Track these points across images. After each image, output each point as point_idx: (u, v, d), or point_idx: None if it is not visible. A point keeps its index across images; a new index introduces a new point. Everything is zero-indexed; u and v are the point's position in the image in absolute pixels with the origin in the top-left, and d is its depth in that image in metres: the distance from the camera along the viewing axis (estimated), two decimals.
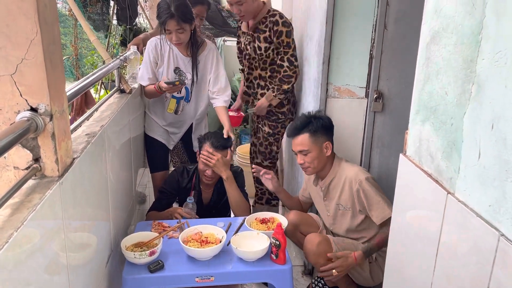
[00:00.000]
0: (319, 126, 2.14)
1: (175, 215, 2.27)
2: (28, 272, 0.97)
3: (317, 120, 2.16)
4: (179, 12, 2.32)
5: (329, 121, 2.22)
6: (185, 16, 2.35)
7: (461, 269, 0.96)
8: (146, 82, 2.54)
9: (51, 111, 1.12)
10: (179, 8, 2.32)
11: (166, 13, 2.31)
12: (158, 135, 2.74)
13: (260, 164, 3.01)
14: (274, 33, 2.68)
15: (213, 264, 1.82)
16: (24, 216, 0.96)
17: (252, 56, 2.84)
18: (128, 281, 1.74)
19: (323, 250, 2.09)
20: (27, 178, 1.09)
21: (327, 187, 2.20)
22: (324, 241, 2.12)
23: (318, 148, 2.14)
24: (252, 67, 2.88)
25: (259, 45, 2.74)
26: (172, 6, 2.31)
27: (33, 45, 1.06)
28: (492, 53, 0.85)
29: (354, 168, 2.13)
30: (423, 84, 1.15)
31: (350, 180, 2.10)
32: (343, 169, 2.16)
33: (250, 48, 2.82)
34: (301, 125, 2.16)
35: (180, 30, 2.38)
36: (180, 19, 2.33)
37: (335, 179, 2.18)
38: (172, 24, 2.34)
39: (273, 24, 2.67)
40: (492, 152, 0.85)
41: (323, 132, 2.15)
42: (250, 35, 2.79)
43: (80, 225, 1.38)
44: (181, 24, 2.35)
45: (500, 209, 0.83)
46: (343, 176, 2.14)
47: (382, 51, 2.30)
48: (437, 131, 1.07)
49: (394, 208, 1.34)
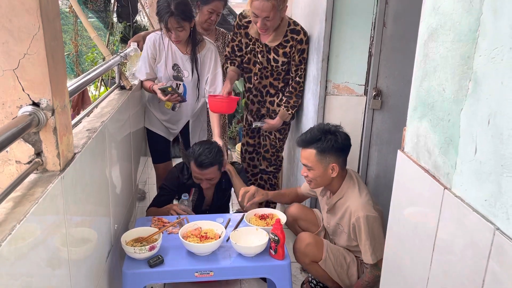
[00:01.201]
0: (328, 147, 1.98)
1: (171, 212, 2.29)
2: (30, 265, 0.98)
3: (328, 139, 1.99)
4: (179, 11, 2.32)
5: (344, 140, 2.03)
6: (185, 15, 2.35)
7: (457, 263, 0.98)
8: (144, 76, 2.59)
9: (53, 106, 1.13)
10: (179, 7, 2.32)
11: (166, 11, 2.32)
12: (158, 128, 2.77)
13: (264, 170, 3.00)
14: (298, 51, 2.61)
15: (212, 259, 1.84)
16: (26, 209, 0.97)
17: (264, 66, 2.73)
18: (128, 275, 1.76)
19: (311, 252, 2.10)
20: (29, 172, 1.10)
21: (332, 204, 2.12)
22: (315, 243, 2.11)
23: (323, 167, 2.01)
24: (263, 76, 2.78)
25: (276, 58, 2.65)
26: (172, 4, 2.31)
27: (35, 41, 1.07)
28: (488, 49, 0.86)
29: (360, 200, 1.99)
30: (421, 81, 1.17)
31: (351, 211, 2.01)
32: (349, 196, 2.04)
33: (262, 57, 2.70)
34: (311, 140, 2.02)
35: (180, 29, 2.38)
36: (180, 18, 2.34)
37: (342, 199, 2.07)
38: (172, 22, 2.34)
39: (297, 43, 2.59)
40: (489, 147, 0.86)
41: (331, 153, 1.99)
42: (264, 45, 2.67)
43: (81, 219, 1.39)
44: (181, 23, 2.36)
45: (496, 203, 0.84)
46: (348, 202, 2.03)
47: (381, 49, 2.32)
48: (435, 127, 1.08)
49: (392, 204, 1.35)
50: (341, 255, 2.13)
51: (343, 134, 2.05)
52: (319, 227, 2.34)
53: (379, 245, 1.95)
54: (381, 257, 1.94)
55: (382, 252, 1.95)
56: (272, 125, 2.81)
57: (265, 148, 2.95)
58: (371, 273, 2.02)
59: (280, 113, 2.76)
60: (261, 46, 2.68)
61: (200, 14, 2.91)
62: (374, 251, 1.96)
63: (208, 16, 2.89)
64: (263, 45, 2.66)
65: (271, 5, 2.40)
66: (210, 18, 2.91)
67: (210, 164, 2.24)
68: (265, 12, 2.42)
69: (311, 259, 2.11)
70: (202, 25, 2.94)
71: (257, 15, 2.46)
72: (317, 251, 2.10)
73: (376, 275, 1.99)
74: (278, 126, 2.81)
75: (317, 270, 2.13)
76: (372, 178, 2.54)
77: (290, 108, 2.73)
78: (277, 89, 2.80)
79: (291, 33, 2.59)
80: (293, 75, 2.70)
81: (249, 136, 3.03)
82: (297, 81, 2.70)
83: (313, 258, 2.11)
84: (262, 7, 2.41)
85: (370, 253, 1.96)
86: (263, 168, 2.99)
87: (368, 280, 2.04)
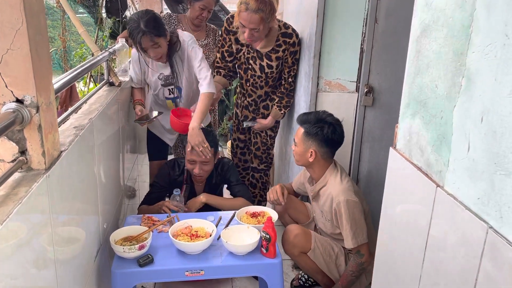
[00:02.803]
0: (313, 132, 2.08)
1: (163, 209, 2.26)
2: (14, 266, 0.96)
3: (317, 126, 2.07)
4: (150, 28, 2.19)
5: (331, 134, 2.07)
6: (158, 31, 2.22)
7: (450, 262, 0.97)
8: (135, 84, 2.57)
9: (37, 102, 1.10)
10: (149, 24, 2.19)
11: (137, 32, 2.19)
12: (157, 130, 2.74)
13: (255, 168, 2.98)
14: (290, 54, 2.58)
15: (203, 258, 1.82)
16: (9, 209, 0.94)
17: (258, 75, 2.67)
18: (117, 275, 1.73)
19: (299, 243, 2.13)
20: (13, 171, 1.07)
21: (316, 192, 2.19)
22: (303, 234, 2.15)
23: (304, 148, 2.12)
24: (257, 86, 2.73)
25: (270, 64, 2.61)
26: (141, 22, 2.18)
27: (19, 35, 1.04)
28: (482, 46, 0.85)
29: (340, 187, 2.05)
30: (413, 77, 1.15)
31: (332, 196, 2.06)
32: (331, 183, 2.10)
33: (255, 64, 2.64)
34: (305, 120, 2.12)
35: (155, 45, 2.25)
36: (153, 35, 2.21)
37: (324, 187, 2.14)
38: (146, 41, 2.22)
39: (290, 46, 2.55)
40: (482, 145, 0.85)
41: (314, 139, 2.09)
42: (256, 51, 2.61)
43: (68, 218, 1.37)
44: (155, 39, 2.23)
45: (489, 201, 0.83)
46: (330, 189, 2.10)
47: (373, 46, 2.31)
48: (427, 125, 1.07)
49: (384, 202, 1.34)
50: (329, 245, 2.16)
51: (333, 128, 2.09)
52: (309, 218, 2.35)
53: (360, 230, 2.00)
54: (362, 242, 1.99)
55: (363, 238, 2.00)
56: (265, 125, 2.80)
57: (256, 146, 2.92)
58: (354, 261, 2.03)
59: (273, 113, 2.74)
60: (253, 52, 2.64)
61: (192, 10, 2.87)
62: (354, 235, 1.98)
63: (199, 13, 2.86)
64: (255, 51, 2.62)
65: (259, 18, 2.35)
66: (202, 15, 2.87)
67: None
68: (252, 24, 2.37)
69: (300, 250, 2.14)
70: (193, 21, 2.91)
71: (245, 25, 2.40)
72: (306, 242, 2.13)
73: (358, 263, 2.01)
74: (270, 126, 2.80)
75: (306, 261, 2.15)
76: (364, 175, 2.54)
77: (282, 107, 2.71)
78: (270, 97, 2.79)
79: (283, 37, 2.56)
80: (285, 76, 2.68)
81: (240, 132, 3.01)
82: (289, 82, 2.69)
83: (301, 249, 2.13)
84: (250, 19, 2.36)
85: (350, 237, 1.98)
86: (255, 166, 2.97)
87: (353, 270, 2.04)
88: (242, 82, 2.80)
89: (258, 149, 2.92)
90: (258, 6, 2.32)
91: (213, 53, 3.11)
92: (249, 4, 2.32)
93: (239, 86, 2.86)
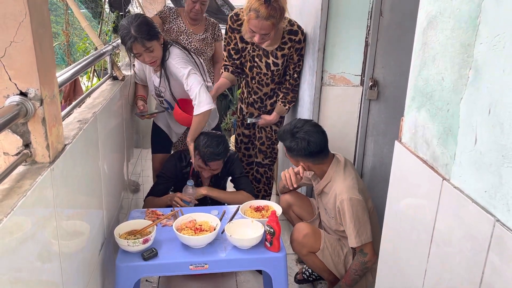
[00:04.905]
0: (293, 150, 2.04)
1: (174, 200, 2.26)
2: (18, 259, 0.96)
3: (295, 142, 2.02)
4: (141, 33, 2.14)
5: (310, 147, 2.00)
6: (149, 35, 2.17)
7: (456, 256, 0.96)
8: (138, 81, 2.62)
9: (41, 95, 1.10)
10: (140, 28, 2.15)
11: (128, 38, 2.15)
12: (163, 124, 2.74)
13: (259, 163, 2.97)
14: (296, 50, 2.55)
15: (207, 252, 1.82)
16: (14, 202, 0.94)
17: (264, 72, 2.64)
18: (122, 268, 1.73)
19: (308, 243, 2.10)
20: (17, 164, 1.07)
21: (321, 189, 2.15)
22: (313, 234, 2.11)
23: (296, 162, 2.12)
24: (263, 83, 2.70)
25: (276, 62, 2.58)
26: (132, 28, 2.13)
27: (22, 28, 1.03)
28: (490, 37, 0.84)
29: (344, 184, 2.00)
30: (419, 70, 1.14)
31: (335, 194, 2.02)
32: (335, 180, 2.06)
33: (261, 62, 2.61)
34: (280, 137, 2.13)
35: (148, 50, 2.20)
36: (145, 39, 2.16)
37: (329, 184, 2.09)
38: (138, 47, 2.18)
39: (295, 43, 2.52)
40: (489, 137, 0.84)
41: (297, 155, 2.05)
42: (261, 49, 2.57)
43: (72, 212, 1.37)
44: (147, 44, 2.17)
45: (496, 194, 0.82)
46: (334, 186, 2.05)
47: (378, 39, 2.29)
48: (433, 117, 1.06)
49: (389, 196, 1.33)
50: (338, 245, 2.13)
51: (307, 142, 2.00)
52: (314, 215, 2.34)
53: (363, 229, 1.96)
54: (365, 241, 1.96)
55: (366, 236, 1.97)
56: (269, 121, 2.78)
57: (261, 140, 2.91)
58: (357, 260, 2.01)
59: (277, 109, 2.73)
60: (258, 50, 2.61)
61: (186, 4, 2.89)
62: (358, 234, 1.95)
63: (192, 6, 2.85)
64: (260, 49, 2.60)
65: (271, 24, 2.29)
66: (195, 7, 2.86)
67: (217, 158, 2.24)
68: (264, 30, 2.32)
69: (309, 250, 2.11)
70: (189, 14, 2.91)
71: (255, 31, 2.35)
72: (315, 242, 2.10)
73: (362, 262, 1.99)
74: (275, 122, 2.79)
75: (314, 261, 2.13)
76: (368, 169, 2.52)
77: (287, 103, 2.70)
78: (275, 93, 2.77)
79: (288, 34, 2.53)
80: (290, 72, 2.66)
81: (244, 127, 3.00)
82: (294, 78, 2.67)
83: (310, 248, 2.10)
84: (261, 26, 2.30)
85: (354, 236, 1.95)
86: (259, 161, 2.96)
87: (356, 268, 2.02)
88: (247, 80, 2.78)
89: (263, 144, 2.91)
90: (269, 13, 2.26)
91: (211, 47, 3.10)
92: (259, 11, 2.25)
93: (245, 83, 2.84)
